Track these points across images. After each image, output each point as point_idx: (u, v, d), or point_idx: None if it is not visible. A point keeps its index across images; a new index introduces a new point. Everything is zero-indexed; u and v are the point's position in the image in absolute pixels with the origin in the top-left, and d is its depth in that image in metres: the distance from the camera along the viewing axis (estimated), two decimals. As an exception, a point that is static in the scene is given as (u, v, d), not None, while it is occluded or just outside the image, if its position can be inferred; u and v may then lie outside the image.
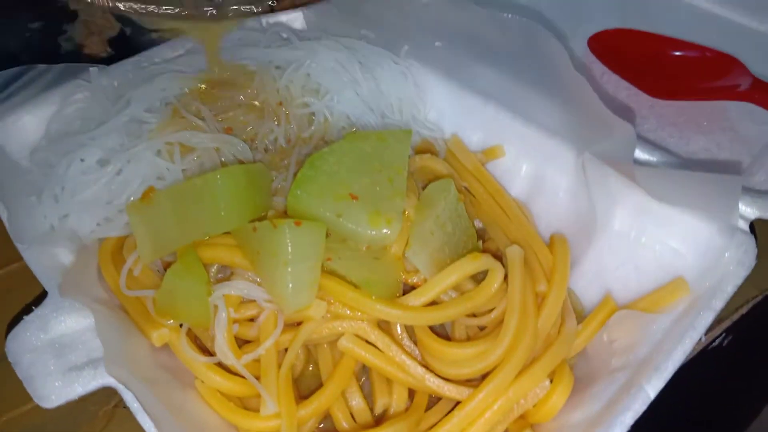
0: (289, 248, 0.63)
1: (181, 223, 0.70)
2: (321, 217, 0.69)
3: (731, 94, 0.92)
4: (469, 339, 0.73)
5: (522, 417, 0.67)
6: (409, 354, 0.69)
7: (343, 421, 0.68)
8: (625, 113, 0.75)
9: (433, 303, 0.70)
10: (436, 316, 0.68)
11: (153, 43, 1.01)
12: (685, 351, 0.62)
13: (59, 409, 0.71)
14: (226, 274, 0.73)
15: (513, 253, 0.72)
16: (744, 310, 0.88)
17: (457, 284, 0.71)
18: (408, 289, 0.72)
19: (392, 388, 0.70)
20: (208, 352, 0.71)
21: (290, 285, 0.64)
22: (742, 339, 0.94)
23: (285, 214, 0.73)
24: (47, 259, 0.74)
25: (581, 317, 0.76)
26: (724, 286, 0.67)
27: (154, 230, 0.71)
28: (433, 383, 0.67)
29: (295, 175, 0.74)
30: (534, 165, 0.85)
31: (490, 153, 0.88)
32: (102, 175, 0.78)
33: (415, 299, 0.68)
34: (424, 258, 0.69)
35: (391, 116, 0.89)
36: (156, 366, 0.68)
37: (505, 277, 0.70)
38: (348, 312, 0.68)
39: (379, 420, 0.70)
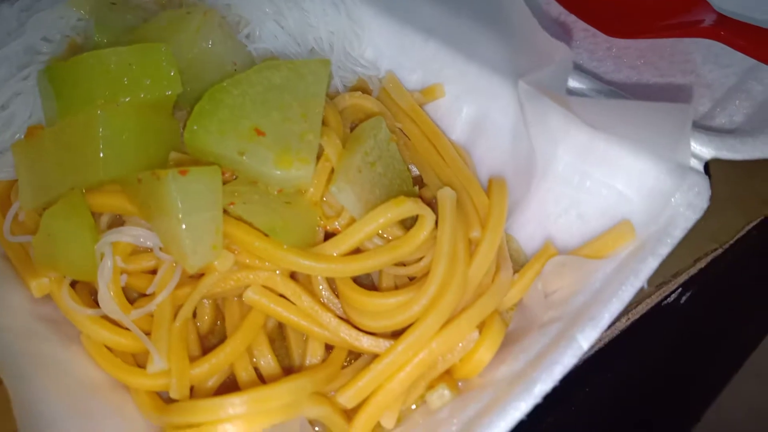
0: (179, 202, 0.56)
1: (62, 166, 0.63)
2: (221, 156, 0.61)
3: (694, 30, 0.84)
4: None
5: (447, 372, 0.61)
6: (323, 305, 0.61)
7: (246, 379, 0.61)
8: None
9: (357, 251, 0.63)
10: (354, 267, 0.60)
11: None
12: (624, 300, 0.56)
13: None
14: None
15: (444, 195, 0.64)
16: (702, 264, 0.82)
17: (384, 231, 0.64)
18: (329, 236, 0.64)
19: (307, 344, 0.63)
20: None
21: (188, 241, 0.56)
22: (701, 296, 0.88)
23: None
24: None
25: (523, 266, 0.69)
26: (671, 230, 0.60)
27: (35, 173, 0.64)
28: (348, 335, 0.60)
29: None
30: (476, 105, 0.78)
31: (428, 93, 0.80)
32: (-4, 102, 0.70)
33: (334, 248, 0.61)
34: (350, 195, 0.62)
35: (320, 52, 0.81)
36: (35, 318, 0.61)
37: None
38: (258, 263, 0.61)
39: (292, 379, 0.63)
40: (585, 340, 0.53)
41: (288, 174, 0.61)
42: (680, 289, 0.82)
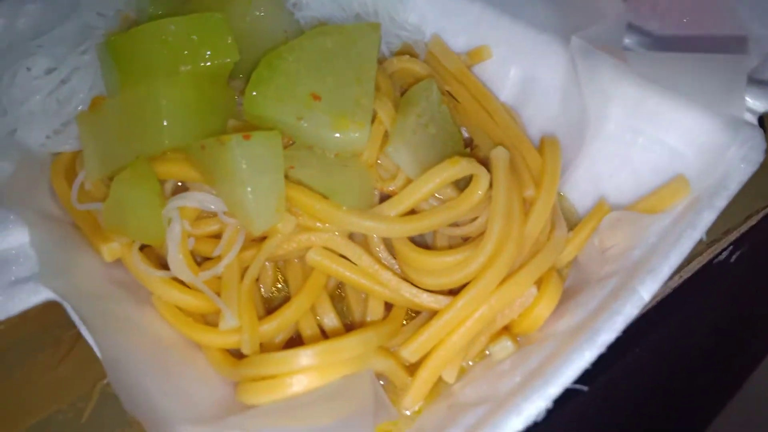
0: (243, 165, 0.57)
1: (126, 136, 0.65)
2: (280, 122, 0.63)
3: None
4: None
5: (506, 328, 0.62)
6: (383, 264, 0.63)
7: (311, 336, 0.63)
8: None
9: (412, 212, 0.64)
10: (412, 227, 0.62)
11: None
12: (683, 252, 0.56)
13: (18, 331, 0.67)
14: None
15: (497, 155, 0.65)
16: (753, 221, 0.82)
17: (439, 192, 0.65)
18: (385, 198, 0.66)
19: (367, 302, 0.65)
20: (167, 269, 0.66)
21: (253, 205, 0.58)
22: (751, 256, 0.88)
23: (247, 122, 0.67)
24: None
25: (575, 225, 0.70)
26: (727, 183, 0.60)
27: (100, 143, 0.66)
28: (408, 292, 0.62)
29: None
30: (523, 66, 0.78)
31: (475, 55, 0.80)
32: (48, 83, 0.72)
33: (391, 209, 0.63)
34: (405, 156, 0.63)
35: (366, 17, 0.81)
36: (108, 281, 0.63)
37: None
38: (318, 225, 0.63)
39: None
40: (646, 291, 0.54)
41: (344, 137, 0.62)
42: (731, 246, 0.81)
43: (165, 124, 0.62)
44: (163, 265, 0.66)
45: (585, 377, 0.50)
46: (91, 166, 0.67)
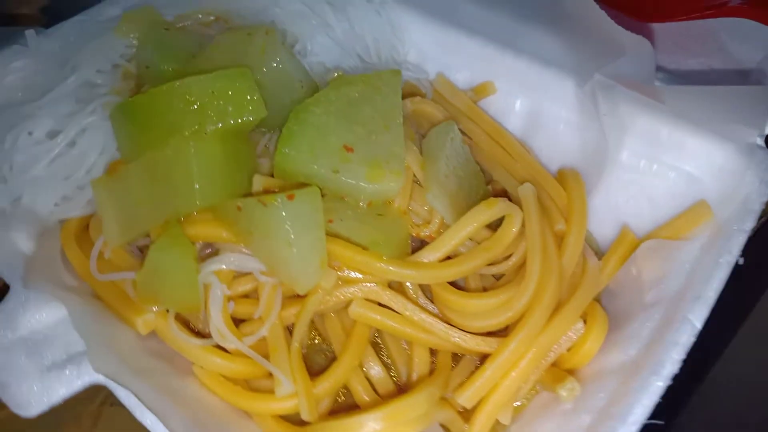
0: (288, 226, 0.56)
1: (152, 200, 0.63)
2: (315, 176, 0.62)
3: (722, 11, 0.87)
4: (485, 289, 0.67)
5: (554, 365, 0.63)
6: (428, 312, 0.63)
7: (363, 393, 0.62)
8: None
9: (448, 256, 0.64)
10: (455, 272, 0.62)
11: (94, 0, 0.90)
12: (724, 276, 0.58)
13: (39, 411, 0.63)
14: (212, 252, 0.65)
15: (526, 191, 0.66)
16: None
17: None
18: (416, 243, 0.66)
19: (412, 351, 0.64)
20: (200, 335, 0.63)
21: (298, 264, 0.57)
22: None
23: (272, 176, 0.66)
24: (4, 247, 0.64)
25: (598, 254, 0.71)
26: (752, 205, 0.63)
27: (122, 208, 0.63)
28: (460, 339, 0.62)
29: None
30: (529, 99, 0.79)
31: (480, 91, 0.81)
32: (53, 146, 0.69)
33: (430, 254, 0.63)
34: (444, 201, 0.63)
35: (368, 60, 0.81)
36: (147, 355, 0.61)
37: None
38: (355, 276, 0.62)
39: (403, 387, 0.64)
40: (697, 319, 0.56)
41: (381, 187, 0.62)
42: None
43: (197, 186, 0.61)
44: (197, 332, 0.64)
45: (658, 411, 0.51)
46: (112, 233, 0.64)
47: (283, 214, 0.56)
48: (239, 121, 0.62)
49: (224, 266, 0.61)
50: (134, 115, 0.63)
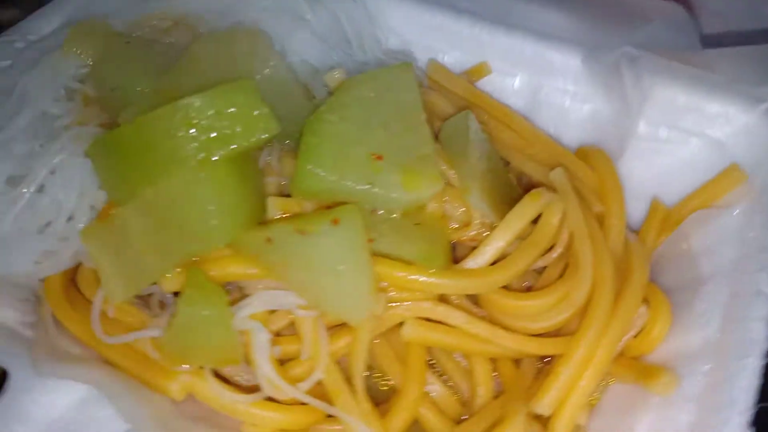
0: (336, 255, 0.50)
1: (158, 245, 0.54)
2: (344, 191, 0.55)
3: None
4: (528, 287, 0.63)
5: (621, 354, 0.60)
6: (485, 321, 0.58)
7: (434, 420, 0.56)
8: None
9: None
10: (510, 275, 0.58)
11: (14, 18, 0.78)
12: (784, 242, 0.57)
13: None
14: (235, 290, 0.57)
15: (559, 177, 0.62)
16: None
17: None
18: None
19: (471, 364, 0.60)
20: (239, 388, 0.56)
21: (349, 293, 0.52)
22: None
23: (286, 196, 0.59)
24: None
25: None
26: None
27: (122, 259, 0.55)
28: (523, 344, 0.58)
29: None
30: (528, 76, 0.75)
31: (474, 73, 0.76)
32: (18, 196, 0.58)
33: (479, 258, 0.58)
34: (486, 199, 0.58)
35: (353, 54, 0.74)
36: (188, 421, 0.53)
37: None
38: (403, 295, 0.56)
39: (467, 404, 0.59)
40: (770, 289, 0.54)
41: (419, 194, 0.56)
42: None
43: (215, 223, 0.53)
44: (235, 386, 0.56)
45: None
46: (114, 288, 0.55)
47: (329, 241, 0.50)
48: (251, 141, 0.54)
49: (260, 307, 0.54)
50: (121, 149, 0.54)
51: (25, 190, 0.58)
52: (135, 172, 0.53)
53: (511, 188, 0.66)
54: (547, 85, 0.74)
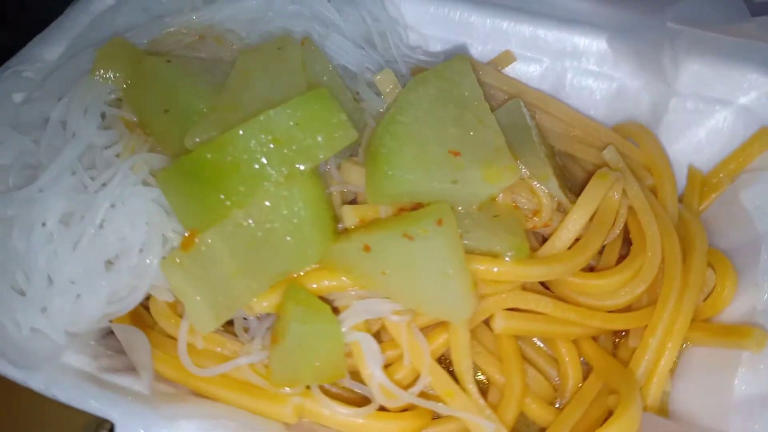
0: (445, 256, 0.50)
1: (251, 267, 0.53)
2: (428, 192, 0.55)
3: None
4: (591, 267, 0.65)
5: (693, 319, 0.62)
6: (571, 303, 0.59)
7: (537, 408, 0.57)
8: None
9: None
10: (589, 255, 0.59)
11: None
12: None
13: None
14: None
15: (611, 155, 0.65)
16: None
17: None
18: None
19: (555, 348, 0.61)
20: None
21: (457, 294, 0.51)
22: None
23: (351, 203, 0.58)
24: (74, 379, 0.51)
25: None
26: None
27: (210, 287, 0.53)
28: (607, 322, 0.59)
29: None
30: (551, 61, 0.77)
31: (500, 62, 0.77)
32: (78, 233, 0.55)
33: (558, 243, 0.59)
34: (558, 183, 0.59)
35: (386, 54, 0.73)
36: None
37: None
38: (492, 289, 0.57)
39: (557, 388, 0.60)
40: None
41: (500, 187, 0.57)
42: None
43: (309, 237, 0.52)
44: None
45: None
46: (202, 318, 0.53)
47: (436, 243, 0.50)
48: (333, 150, 0.53)
49: (360, 318, 0.53)
50: (200, 173, 0.51)
51: (87, 227, 0.55)
52: (218, 195, 0.51)
53: (563, 171, 0.68)
54: (573, 68, 0.76)
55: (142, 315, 0.59)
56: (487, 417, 0.52)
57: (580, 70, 0.76)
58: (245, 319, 0.57)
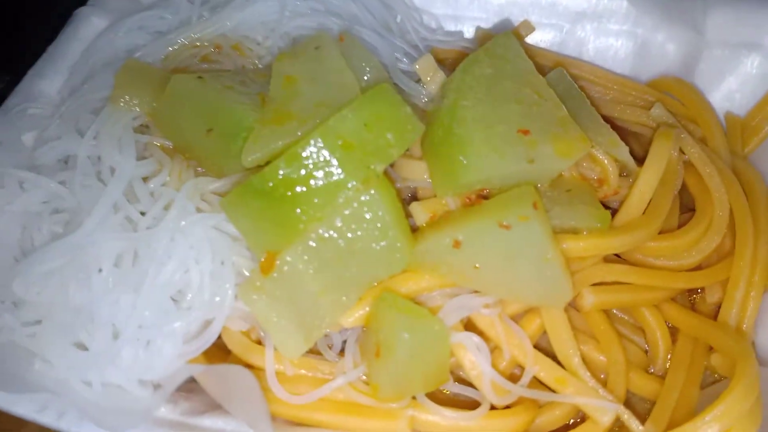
0: (545, 240, 0.48)
1: (337, 282, 0.50)
2: (504, 175, 0.53)
3: None
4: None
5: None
6: (653, 268, 0.58)
7: (640, 380, 0.56)
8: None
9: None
10: (662, 218, 0.58)
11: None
12: None
13: None
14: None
15: (659, 113, 0.64)
16: None
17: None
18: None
19: (639, 316, 0.59)
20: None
21: (558, 278, 0.49)
22: None
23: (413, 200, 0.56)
24: (167, 430, 0.48)
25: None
26: None
27: (296, 309, 0.49)
28: (699, 279, 0.59)
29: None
30: (569, 24, 0.76)
31: (520, 31, 0.75)
32: (139, 275, 0.51)
33: (633, 210, 0.57)
34: (625, 148, 0.58)
35: (412, 41, 0.71)
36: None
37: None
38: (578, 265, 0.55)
39: (648, 354, 0.59)
40: None
41: (572, 159, 0.55)
42: None
43: (399, 245, 0.49)
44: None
45: None
46: (291, 344, 0.50)
47: (534, 229, 0.48)
48: (406, 145, 0.50)
49: (457, 317, 0.51)
50: (270, 192, 0.48)
51: (146, 265, 0.51)
52: (293, 211, 0.48)
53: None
54: (594, 30, 0.75)
55: (210, 351, 0.55)
56: (603, 398, 0.50)
57: (602, 30, 0.75)
58: (325, 336, 0.54)
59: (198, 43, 0.65)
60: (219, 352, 0.55)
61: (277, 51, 0.64)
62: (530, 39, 0.76)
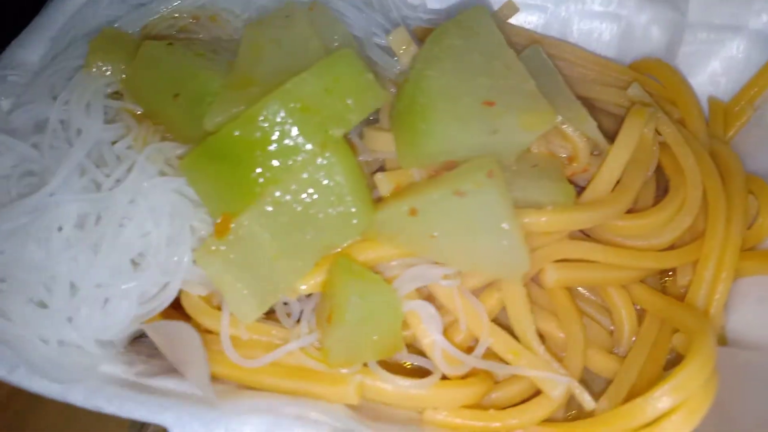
0: (500, 208, 0.48)
1: (292, 247, 0.50)
2: (467, 146, 0.52)
3: None
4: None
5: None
6: (622, 247, 0.57)
7: (600, 359, 0.55)
8: None
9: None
10: (631, 197, 0.57)
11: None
12: None
13: None
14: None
15: (638, 92, 0.63)
16: None
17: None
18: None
19: (605, 296, 0.59)
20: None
21: (514, 248, 0.49)
22: None
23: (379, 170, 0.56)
24: (116, 388, 0.48)
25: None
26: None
27: (251, 273, 0.50)
28: (668, 260, 0.58)
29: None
30: (552, 5, 0.75)
31: (503, 13, 0.75)
32: (98, 236, 0.51)
33: (601, 187, 0.57)
34: (595, 125, 0.57)
35: (393, 18, 0.70)
36: (371, 422, 0.48)
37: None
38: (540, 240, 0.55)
39: (613, 335, 0.58)
40: None
41: (538, 132, 0.54)
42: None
43: (354, 209, 0.49)
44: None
45: None
46: (245, 307, 0.50)
47: (489, 198, 0.47)
48: (365, 111, 0.50)
49: (412, 286, 0.50)
50: (228, 154, 0.48)
51: (105, 227, 0.51)
52: (250, 173, 0.48)
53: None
54: (578, 12, 0.74)
55: (171, 315, 0.55)
56: (556, 371, 0.49)
57: (585, 12, 0.74)
58: (285, 303, 0.54)
59: (177, 14, 0.66)
60: (182, 318, 0.55)
61: (253, 22, 0.64)
62: (514, 20, 0.76)
